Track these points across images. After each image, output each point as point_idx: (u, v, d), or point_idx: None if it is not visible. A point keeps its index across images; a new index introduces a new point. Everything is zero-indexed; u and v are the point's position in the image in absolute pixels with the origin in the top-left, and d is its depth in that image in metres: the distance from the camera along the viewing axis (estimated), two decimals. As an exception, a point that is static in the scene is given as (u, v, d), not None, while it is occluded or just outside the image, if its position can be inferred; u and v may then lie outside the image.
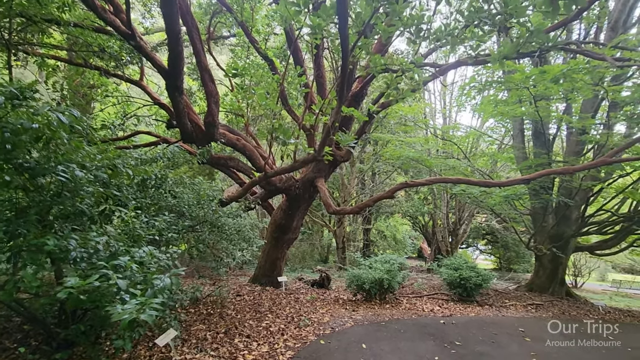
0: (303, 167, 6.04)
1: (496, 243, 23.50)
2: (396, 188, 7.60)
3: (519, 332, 6.64)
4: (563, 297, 12.20)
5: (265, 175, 5.69)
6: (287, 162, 10.08)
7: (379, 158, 20.01)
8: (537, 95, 8.82)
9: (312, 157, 4.85)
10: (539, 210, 12.39)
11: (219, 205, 5.64)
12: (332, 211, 8.08)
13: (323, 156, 4.99)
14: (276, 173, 5.79)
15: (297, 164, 5.42)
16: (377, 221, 25.89)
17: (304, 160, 5.14)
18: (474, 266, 9.32)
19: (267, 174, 5.69)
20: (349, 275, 8.35)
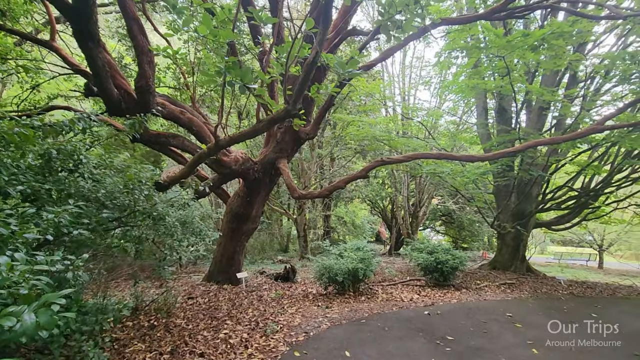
0: (269, 128, 4.73)
1: (452, 223, 23.80)
2: (371, 166, 6.63)
3: (507, 317, 6.03)
4: (524, 273, 12.21)
5: (217, 145, 4.35)
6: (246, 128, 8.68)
7: (339, 142, 19.13)
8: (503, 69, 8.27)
9: (283, 112, 3.63)
10: (503, 188, 12.19)
11: (155, 190, 4.24)
12: (298, 195, 6.96)
13: (299, 111, 3.78)
14: (232, 141, 4.48)
15: (261, 124, 4.13)
16: (337, 207, 25.22)
17: (271, 119, 3.89)
18: (448, 249, 8.70)
19: (219, 142, 4.35)
20: (318, 267, 7.30)
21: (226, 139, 4.54)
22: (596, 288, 10.17)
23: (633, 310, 7.12)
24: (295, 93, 3.42)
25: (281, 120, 3.88)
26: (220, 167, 7.20)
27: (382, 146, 13.85)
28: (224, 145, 4.52)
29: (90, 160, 4.01)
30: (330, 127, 19.36)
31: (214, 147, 4.49)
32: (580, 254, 23.60)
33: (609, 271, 19.21)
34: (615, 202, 11.70)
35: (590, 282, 11.72)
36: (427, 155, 7.02)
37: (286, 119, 3.78)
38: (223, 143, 4.47)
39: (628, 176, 10.65)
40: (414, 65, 18.05)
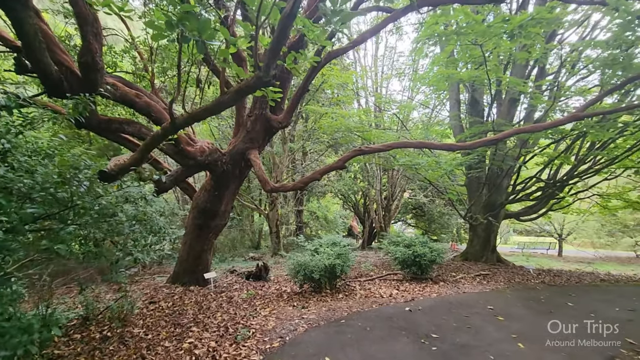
0: (236, 100, 4.01)
1: (422, 216, 24.02)
2: (349, 156, 6.20)
3: (489, 310, 5.82)
4: (495, 264, 12.32)
5: (174, 125, 3.68)
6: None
7: (311, 135, 18.66)
8: (478, 58, 8.10)
9: (254, 80, 3.04)
10: (474, 180, 12.21)
11: (100, 180, 3.56)
12: (270, 188, 6.43)
13: (273, 77, 3.22)
14: (192, 118, 3.79)
15: (227, 96, 3.48)
16: (310, 202, 24.81)
17: (239, 89, 3.26)
18: (425, 241, 8.48)
19: (176, 121, 3.70)
20: (293, 264, 6.80)
21: (184, 116, 3.89)
22: (562, 276, 10.37)
23: (603, 297, 7.18)
24: (268, 55, 2.87)
25: (251, 90, 3.27)
26: (184, 158, 6.51)
27: (356, 139, 13.51)
28: (181, 124, 3.87)
29: (20, 147, 3.29)
30: (302, 120, 18.82)
31: (169, 127, 3.83)
32: (542, 243, 24.57)
33: (567, 258, 20.09)
34: (579, 192, 12.00)
35: (555, 270, 11.99)
36: (407, 144, 6.70)
37: (257, 88, 3.18)
38: (180, 122, 3.82)
39: (590, 167, 10.92)
40: (386, 56, 17.85)
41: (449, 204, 23.28)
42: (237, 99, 3.82)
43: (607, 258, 20.18)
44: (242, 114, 7.62)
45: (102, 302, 5.98)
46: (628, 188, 11.66)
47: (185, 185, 8.58)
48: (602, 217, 19.18)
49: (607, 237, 22.40)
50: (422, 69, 14.89)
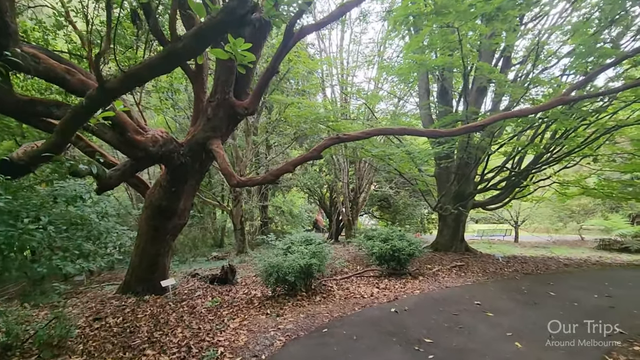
0: (197, 51, 2.90)
1: (388, 208, 24.03)
2: (325, 144, 5.54)
3: (476, 306, 5.46)
4: (464, 253, 12.33)
5: (103, 90, 2.74)
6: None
7: (275, 128, 17.80)
8: (452, 43, 7.77)
9: (222, 14, 2.19)
10: (444, 171, 12.07)
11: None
12: (236, 182, 5.64)
13: (250, 11, 2.45)
14: (127, 79, 2.80)
15: (182, 42, 2.51)
16: (275, 197, 23.99)
17: (199, 30, 2.29)
18: (402, 234, 8.07)
19: (106, 84, 2.77)
20: (264, 266, 6.05)
21: (118, 77, 2.98)
22: (529, 262, 10.49)
23: (578, 283, 7.18)
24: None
25: (215, 31, 2.41)
26: (132, 148, 5.50)
27: (323, 130, 12.88)
28: (115, 88, 2.94)
29: None
30: (266, 111, 17.89)
31: (96, 94, 2.89)
32: (499, 230, 25.54)
33: (523, 244, 20.96)
34: (540, 180, 12.27)
35: (520, 257, 12.22)
36: (389, 131, 6.15)
37: (225, 28, 2.35)
38: (113, 85, 2.91)
39: (551, 156, 11.11)
40: (352, 46, 17.29)
41: (414, 195, 23.55)
42: (196, 47, 2.84)
43: (559, 242, 21.31)
44: (201, 98, 6.67)
45: (35, 322, 4.92)
46: (585, 175, 12.09)
47: (136, 181, 7.49)
48: (552, 204, 20.19)
49: (557, 222, 23.70)
50: (389, 59, 14.55)
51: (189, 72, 6.57)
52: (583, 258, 12.67)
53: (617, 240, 17.21)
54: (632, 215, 20.19)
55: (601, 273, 8.35)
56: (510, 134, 11.08)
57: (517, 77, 10.68)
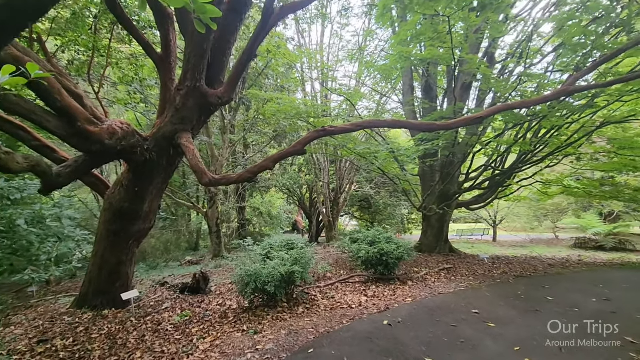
0: None
1: (369, 209, 23.66)
2: (311, 137, 4.93)
3: (475, 316, 5.00)
4: (448, 254, 12.03)
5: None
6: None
7: (253, 126, 17.04)
8: (440, 35, 7.36)
9: None
10: (428, 170, 11.72)
11: None
12: (209, 181, 4.95)
13: None
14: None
15: None
16: (253, 198, 23.18)
17: None
18: (389, 237, 7.57)
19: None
20: (241, 275, 5.36)
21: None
22: (514, 263, 10.27)
23: (573, 285, 6.89)
24: None
25: None
26: (84, 141, 4.69)
27: (304, 127, 12.27)
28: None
29: None
30: (244, 108, 17.09)
31: None
32: (477, 229, 25.72)
33: (502, 243, 21.10)
34: (523, 179, 12.12)
35: (503, 257, 12.04)
36: (380, 123, 5.59)
37: None
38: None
39: (533, 154, 10.95)
40: (335, 34, 16.73)
41: (395, 195, 23.30)
42: None
43: (535, 240, 21.61)
44: (169, 87, 5.90)
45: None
46: (566, 175, 12.05)
47: (94, 180, 6.62)
48: (528, 203, 20.43)
49: (534, 222, 24.07)
50: (372, 54, 14.10)
51: (153, 56, 5.79)
52: (564, 257, 12.65)
53: (592, 239, 17.53)
54: (604, 213, 20.70)
55: (592, 275, 8.15)
56: (493, 134, 10.87)
57: (503, 74, 10.47)
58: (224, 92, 5.53)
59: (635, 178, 14.72)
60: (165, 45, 5.69)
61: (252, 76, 15.01)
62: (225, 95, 5.55)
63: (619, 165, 10.10)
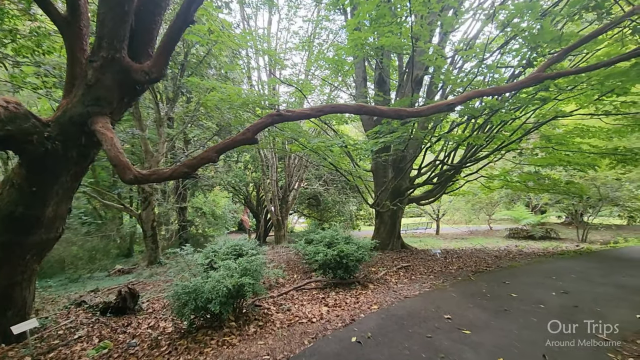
0: None
1: (318, 206, 23.14)
2: (264, 122, 4.05)
3: (448, 322, 4.51)
4: (400, 250, 11.86)
5: None
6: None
7: (195, 119, 15.50)
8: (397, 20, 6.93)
9: None
10: (381, 166, 11.37)
11: None
12: (133, 177, 3.89)
13: None
14: None
15: None
16: (195, 197, 21.42)
17: None
18: (348, 236, 6.94)
19: None
20: (177, 293, 4.31)
21: None
22: (463, 257, 10.33)
23: (530, 279, 6.85)
24: None
25: None
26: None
27: (251, 119, 11.20)
28: None
29: None
30: (184, 98, 15.47)
31: None
32: (420, 223, 26.54)
33: (445, 236, 21.87)
34: (469, 174, 12.36)
35: (452, 251, 12.18)
36: (343, 108, 4.83)
37: None
38: None
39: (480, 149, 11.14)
40: (286, 18, 15.78)
41: (343, 192, 23.04)
42: None
43: (474, 232, 22.77)
44: (78, 58, 4.59)
45: None
46: (507, 169, 12.52)
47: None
48: (466, 197, 21.46)
49: (471, 215, 25.42)
50: (324, 43, 13.43)
51: (55, 17, 4.44)
52: (505, 248, 13.18)
53: (523, 229, 18.80)
54: (531, 205, 22.43)
55: (541, 266, 8.31)
56: (446, 129, 10.83)
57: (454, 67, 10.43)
58: (153, 66, 4.40)
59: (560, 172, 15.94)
60: (72, 4, 4.39)
61: (193, 64, 13.54)
62: (154, 71, 4.42)
63: (554, 160, 10.59)
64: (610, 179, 15.37)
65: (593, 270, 7.62)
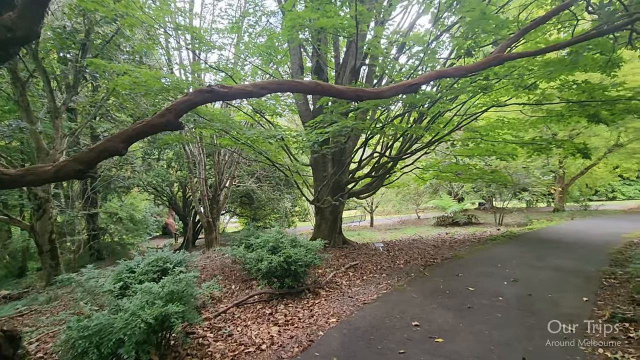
0: None
1: (251, 204, 21.85)
2: (189, 100, 3.01)
3: (417, 330, 3.99)
4: (343, 246, 11.45)
5: None
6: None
7: (102, 107, 13.16)
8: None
9: None
10: (320, 160, 10.74)
11: None
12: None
13: None
14: None
15: None
16: (108, 201, 18.63)
17: None
18: (294, 238, 6.14)
19: None
20: (69, 339, 3.08)
21: None
22: (405, 248, 10.27)
23: (478, 269, 6.80)
24: None
25: None
26: None
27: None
28: None
29: None
30: (89, 87, 13.06)
31: None
32: (356, 216, 26.85)
33: (379, 227, 22.30)
34: (405, 166, 12.43)
35: (391, 243, 12.16)
36: (292, 85, 3.79)
37: None
38: None
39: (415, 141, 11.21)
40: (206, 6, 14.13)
41: (278, 189, 22.08)
42: None
43: (405, 222, 23.65)
44: None
45: None
46: (439, 160, 12.89)
47: None
48: (396, 189, 22.21)
49: (402, 205, 26.44)
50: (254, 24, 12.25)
51: None
52: (438, 236, 13.63)
53: (449, 217, 19.96)
54: (453, 194, 24.06)
55: (484, 254, 8.48)
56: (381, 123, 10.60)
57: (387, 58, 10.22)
58: (19, 18, 3.04)
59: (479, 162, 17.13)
60: None
61: (97, 46, 11.34)
62: (20, 25, 3.06)
63: (481, 150, 11.09)
64: (520, 168, 17.00)
65: (527, 254, 7.98)
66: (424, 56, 6.68)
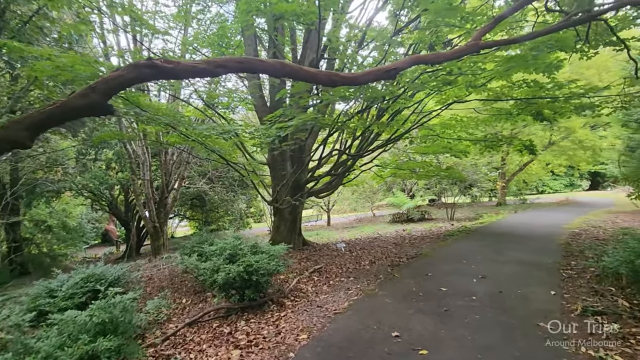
0: None
1: (203, 207, 20.51)
2: (122, 76, 2.30)
3: (397, 341, 3.60)
4: (303, 247, 10.96)
5: None
6: None
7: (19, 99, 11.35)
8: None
9: None
10: (278, 158, 10.12)
11: None
12: None
13: None
14: None
15: None
16: (34, 208, 16.29)
17: None
18: (254, 244, 5.51)
19: None
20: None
21: None
22: (367, 248, 10.03)
23: (445, 267, 6.60)
24: None
25: None
26: None
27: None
28: None
29: None
30: (7, 77, 11.19)
31: None
32: (313, 215, 26.49)
33: (336, 226, 22.12)
34: (365, 164, 12.25)
35: (352, 242, 11.91)
36: (254, 64, 3.09)
37: None
38: None
39: (378, 138, 11.04)
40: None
41: (232, 190, 20.95)
42: None
43: (361, 220, 23.72)
44: None
45: None
46: (397, 157, 12.90)
47: None
48: (352, 188, 22.27)
49: (358, 203, 26.56)
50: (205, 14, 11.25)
51: None
52: (396, 233, 13.65)
53: (404, 213, 20.32)
54: (407, 190, 24.64)
55: (445, 250, 8.44)
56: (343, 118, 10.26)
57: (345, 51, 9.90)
58: None
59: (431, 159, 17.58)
60: None
61: (14, 27, 9.69)
62: None
63: (438, 148, 11.22)
64: (469, 165, 17.74)
65: (486, 248, 8.08)
66: (389, 47, 6.38)
